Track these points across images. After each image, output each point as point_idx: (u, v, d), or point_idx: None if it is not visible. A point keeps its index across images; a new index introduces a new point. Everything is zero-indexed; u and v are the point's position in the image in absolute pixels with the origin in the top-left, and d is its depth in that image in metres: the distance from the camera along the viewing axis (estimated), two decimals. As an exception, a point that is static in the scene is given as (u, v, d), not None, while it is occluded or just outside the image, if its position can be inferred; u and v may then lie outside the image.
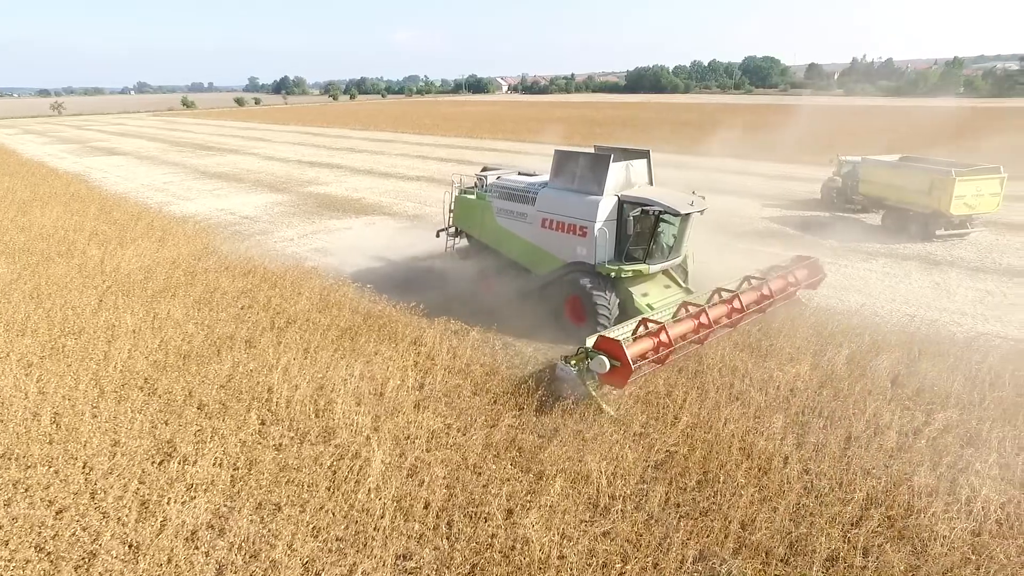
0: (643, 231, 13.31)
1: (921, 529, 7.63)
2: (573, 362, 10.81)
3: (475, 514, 8.00)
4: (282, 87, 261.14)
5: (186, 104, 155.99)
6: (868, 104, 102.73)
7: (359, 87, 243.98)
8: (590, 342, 10.72)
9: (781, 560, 7.31)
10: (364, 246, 22.00)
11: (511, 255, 15.31)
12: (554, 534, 7.55)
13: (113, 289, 15.80)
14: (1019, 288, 16.93)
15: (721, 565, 7.24)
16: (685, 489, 8.55)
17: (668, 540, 7.55)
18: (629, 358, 10.17)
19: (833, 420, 10.05)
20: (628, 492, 8.45)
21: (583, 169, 13.66)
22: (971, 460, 8.90)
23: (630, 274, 13.46)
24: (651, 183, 14.30)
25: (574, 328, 13.34)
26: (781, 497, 8.28)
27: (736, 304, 12.46)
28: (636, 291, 13.75)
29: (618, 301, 13.41)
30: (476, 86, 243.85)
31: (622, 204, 13.23)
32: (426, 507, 8.10)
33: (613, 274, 13.30)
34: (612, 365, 10.25)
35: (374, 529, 7.66)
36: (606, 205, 13.18)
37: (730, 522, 7.81)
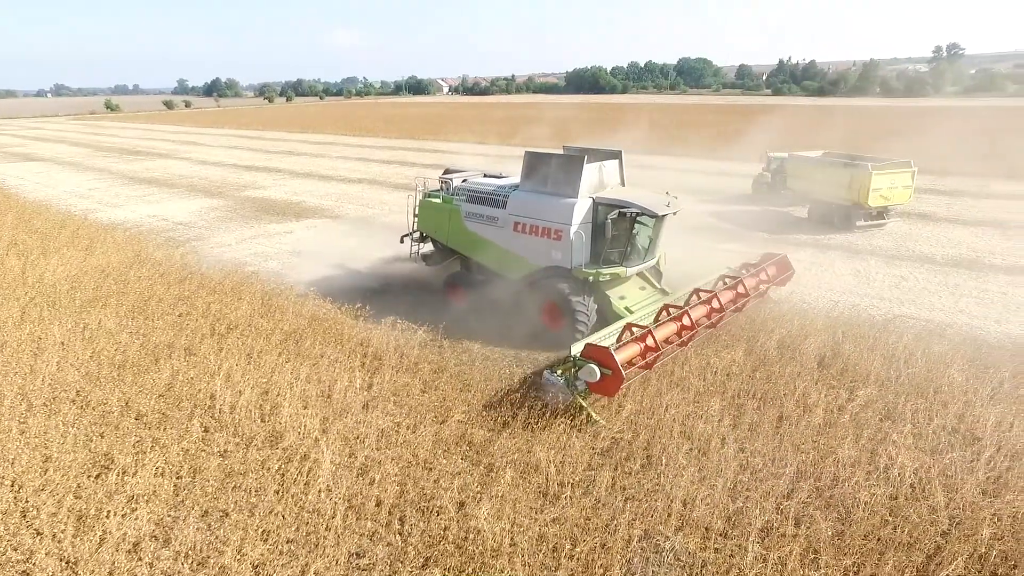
0: (620, 233, 13.00)
1: (845, 497, 8.18)
2: (559, 371, 10.57)
3: (427, 508, 8.10)
4: (214, 89, 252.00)
5: (110, 107, 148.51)
6: (794, 103, 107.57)
7: (296, 89, 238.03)
8: (576, 350, 10.48)
9: (720, 534, 7.71)
10: (307, 250, 21.67)
11: (481, 260, 14.91)
12: (505, 523, 7.72)
13: (37, 300, 15.04)
14: (930, 273, 18.20)
15: (665, 542, 7.58)
16: (630, 473, 8.88)
17: (615, 522, 7.84)
18: (620, 366, 9.98)
19: (766, 401, 10.61)
20: (576, 479, 8.71)
21: (556, 171, 13.33)
22: (888, 432, 9.60)
23: (608, 278, 13.22)
24: (623, 184, 14.10)
25: (551, 334, 13.23)
26: (719, 475, 8.71)
27: (715, 304, 12.59)
28: (613, 294, 13.55)
29: (595, 305, 13.21)
30: (416, 87, 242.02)
31: (597, 206, 12.98)
32: (378, 504, 8.14)
33: (591, 278, 13.06)
34: (603, 374, 10.02)
35: (326, 529, 7.65)
36: (581, 208, 12.87)
37: (672, 501, 8.16)
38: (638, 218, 13.06)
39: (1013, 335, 13.58)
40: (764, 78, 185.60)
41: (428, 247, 16.72)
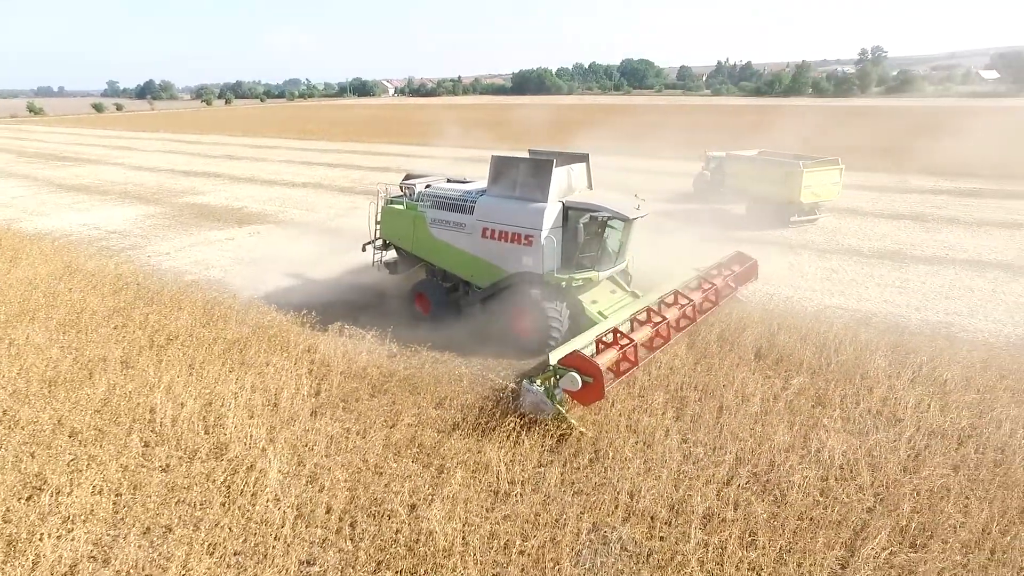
0: (591, 238, 12.88)
1: (780, 481, 8.60)
2: (538, 380, 10.25)
3: (378, 513, 8.11)
4: (147, 91, 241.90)
5: (33, 110, 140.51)
6: (732, 103, 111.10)
7: (235, 91, 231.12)
8: (555, 358, 10.23)
9: (665, 522, 7.99)
10: (250, 256, 21.20)
11: (448, 268, 14.58)
12: (457, 523, 7.81)
13: (-42, 317, 14.24)
14: (857, 265, 19.19)
15: (612, 533, 7.81)
16: (579, 468, 9.09)
17: (564, 516, 8.03)
18: (603, 372, 9.77)
19: (707, 393, 11.03)
20: (526, 476, 8.87)
21: (524, 175, 13.11)
22: (820, 417, 10.14)
23: (580, 282, 13.10)
24: (590, 187, 14.01)
25: (513, 339, 13.13)
26: (663, 466, 9.02)
27: (688, 304, 12.67)
28: (585, 299, 13.41)
29: (568, 311, 13.07)
30: (361, 89, 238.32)
31: (567, 210, 12.87)
32: (328, 511, 8.09)
33: (563, 283, 12.90)
34: (584, 381, 9.73)
35: (274, 539, 7.57)
36: (551, 212, 12.72)
37: (619, 493, 8.42)
38: (609, 222, 13.00)
39: (931, 321, 14.49)
40: (704, 79, 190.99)
41: (392, 254, 16.35)
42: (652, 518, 8.05)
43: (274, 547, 7.43)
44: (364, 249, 16.48)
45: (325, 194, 33.82)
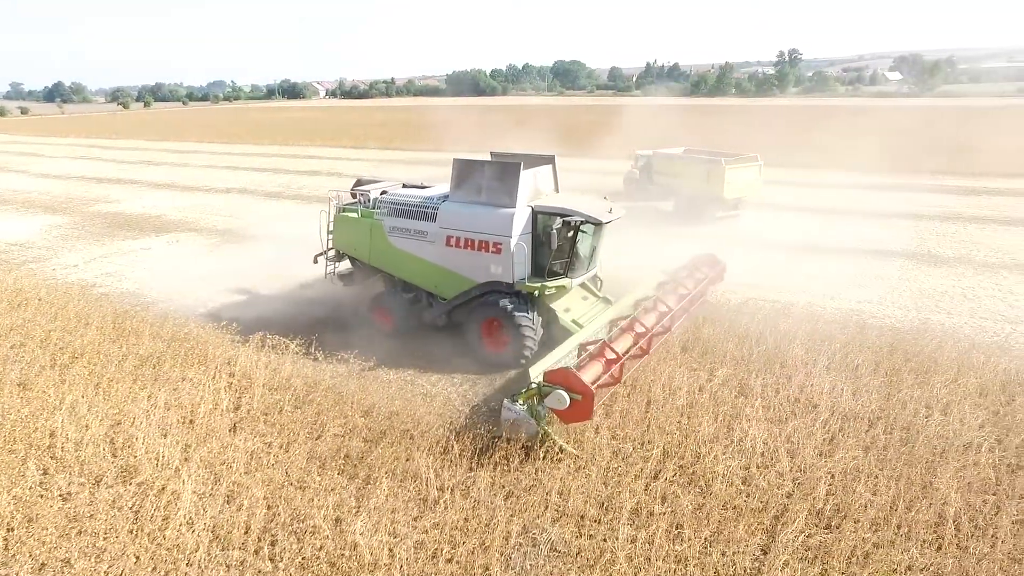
0: (563, 243, 12.18)
1: (706, 472, 8.80)
2: (521, 400, 9.58)
3: (300, 530, 7.79)
4: (56, 94, 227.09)
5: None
6: (661, 103, 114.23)
7: (154, 94, 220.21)
8: (536, 374, 9.73)
9: (594, 520, 8.03)
10: (168, 267, 20.16)
11: (410, 279, 13.77)
12: (383, 535, 7.60)
13: None
14: (778, 258, 19.96)
15: (542, 534, 7.78)
16: (509, 470, 9.02)
17: (494, 520, 7.94)
18: (591, 387, 9.19)
19: (636, 388, 11.17)
20: (456, 482, 8.73)
21: (490, 179, 12.37)
22: (742, 406, 10.43)
23: (553, 291, 12.53)
24: (557, 190, 13.48)
25: (493, 356, 12.56)
26: (593, 463, 9.07)
27: (664, 309, 12.40)
28: (558, 308, 12.78)
29: (540, 320, 12.52)
30: (291, 92, 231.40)
31: (536, 215, 12.30)
32: (246, 531, 7.72)
33: (536, 292, 12.34)
34: (572, 399, 9.11)
35: (187, 564, 7.16)
36: (521, 218, 12.11)
37: (549, 493, 8.40)
38: (581, 226, 12.40)
39: (843, 309, 15.22)
40: (634, 79, 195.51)
41: (346, 266, 15.36)
42: (582, 517, 8.07)
43: (187, 574, 7.02)
44: (316, 261, 15.41)
45: (251, 200, 32.61)
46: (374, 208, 14.13)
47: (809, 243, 21.67)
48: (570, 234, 12.26)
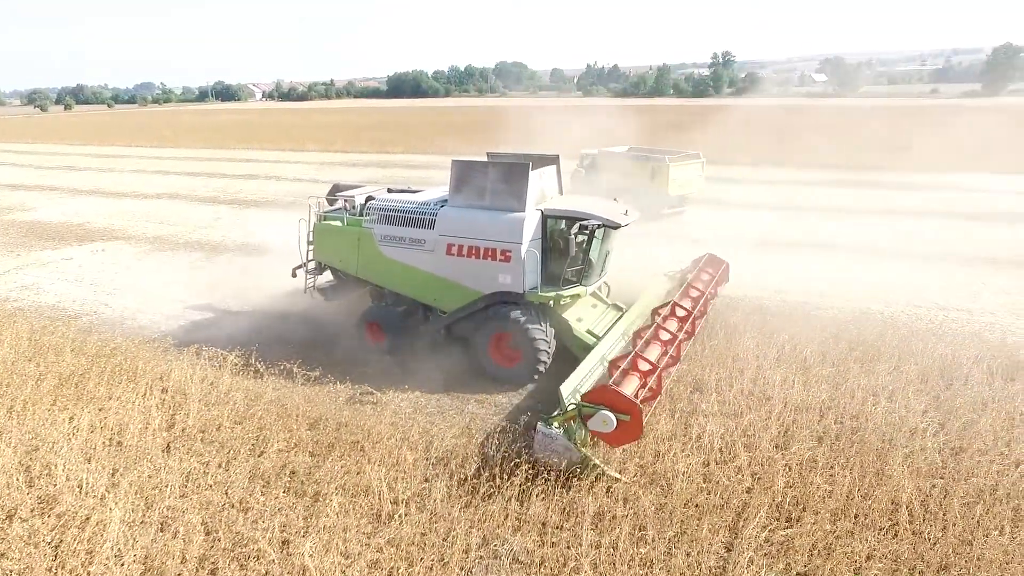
0: (578, 249, 11.46)
1: (666, 470, 8.67)
2: (555, 423, 8.81)
3: (243, 555, 7.23)
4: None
5: None
6: (602, 103, 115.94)
7: (76, 96, 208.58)
8: (568, 392, 9.13)
9: (556, 527, 7.77)
10: (92, 278, 18.87)
11: (404, 291, 12.79)
12: (335, 555, 7.13)
13: None
14: (724, 253, 20.23)
15: (503, 545, 7.47)
16: (466, 479, 8.68)
17: (452, 533, 7.59)
18: (639, 406, 8.52)
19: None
20: (410, 494, 8.32)
21: (495, 182, 11.49)
22: (698, 402, 10.41)
23: (568, 300, 11.87)
24: (561, 192, 12.73)
25: (503, 372, 11.76)
26: (551, 468, 8.81)
27: (683, 314, 11.83)
28: (570, 318, 12.09)
29: (553, 332, 11.73)
30: (225, 94, 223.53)
31: (546, 219, 11.55)
32: (183, 561, 7.10)
33: (551, 302, 11.60)
34: (620, 420, 8.38)
35: (115, 603, 6.51)
36: (531, 223, 11.32)
37: (509, 500, 8.10)
38: (596, 231, 11.70)
39: (789, 302, 15.52)
40: (575, 80, 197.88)
41: (327, 278, 14.27)
42: (543, 523, 7.81)
43: (115, 613, 6.38)
44: (294, 275, 14.27)
45: (184, 205, 31.11)
46: (362, 215, 13.11)
47: (754, 238, 22.12)
48: (583, 239, 11.59)
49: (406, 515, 7.89)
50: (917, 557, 7.15)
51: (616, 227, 11.52)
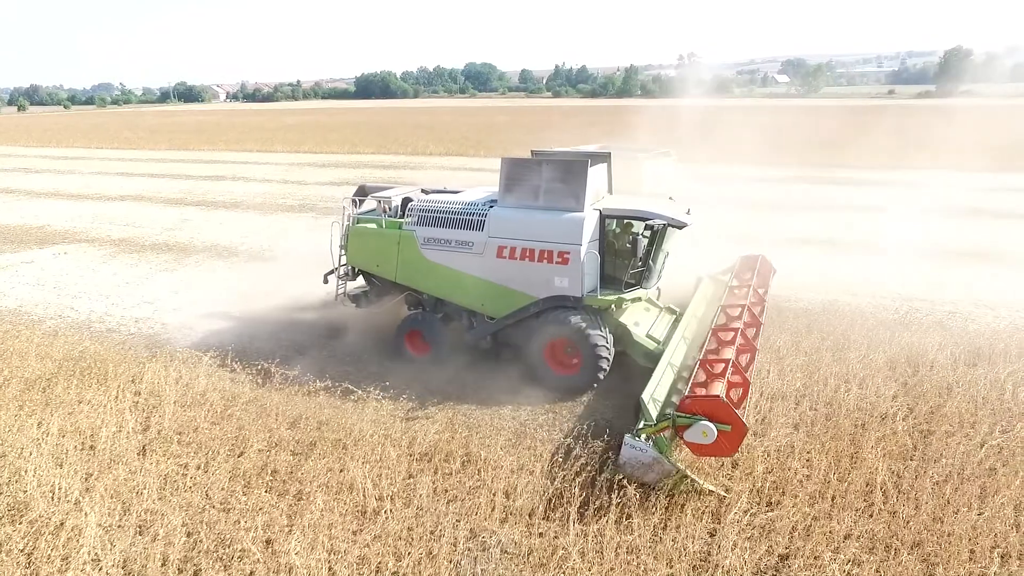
0: (642, 249, 10.93)
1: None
2: (643, 435, 8.31)
3: (227, 555, 7.11)
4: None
5: None
6: (571, 104, 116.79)
7: (30, 97, 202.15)
8: (648, 399, 8.74)
9: (543, 518, 7.81)
10: (56, 281, 18.31)
11: (448, 296, 12.11)
12: (321, 552, 7.05)
13: None
14: (696, 248, 20.49)
15: (491, 537, 7.48)
16: (451, 473, 8.67)
17: (439, 527, 7.57)
18: (741, 415, 8.05)
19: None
20: (395, 490, 8.28)
21: (551, 180, 10.98)
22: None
23: (629, 304, 11.47)
24: (610, 191, 12.22)
25: (562, 381, 11.15)
26: (537, 460, 8.88)
27: (749, 318, 11.27)
28: (628, 322, 11.59)
29: (612, 338, 11.21)
30: (188, 95, 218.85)
31: (604, 219, 11.12)
32: (164, 563, 6.95)
33: (612, 306, 11.20)
34: (720, 431, 7.91)
35: (95, 608, 6.34)
36: (590, 223, 10.87)
37: (495, 494, 8.11)
38: (660, 231, 11.20)
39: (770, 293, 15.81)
40: (544, 81, 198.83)
41: (358, 284, 13.40)
42: (530, 514, 7.85)
43: (95, 618, 6.22)
44: (326, 280, 13.34)
45: (150, 207, 30.35)
46: (402, 217, 12.41)
47: (728, 233, 22.46)
48: (646, 240, 11.11)
49: (392, 510, 7.85)
50: (892, 535, 7.37)
51: (682, 226, 11.12)
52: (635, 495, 7.97)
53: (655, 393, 9.20)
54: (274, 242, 21.82)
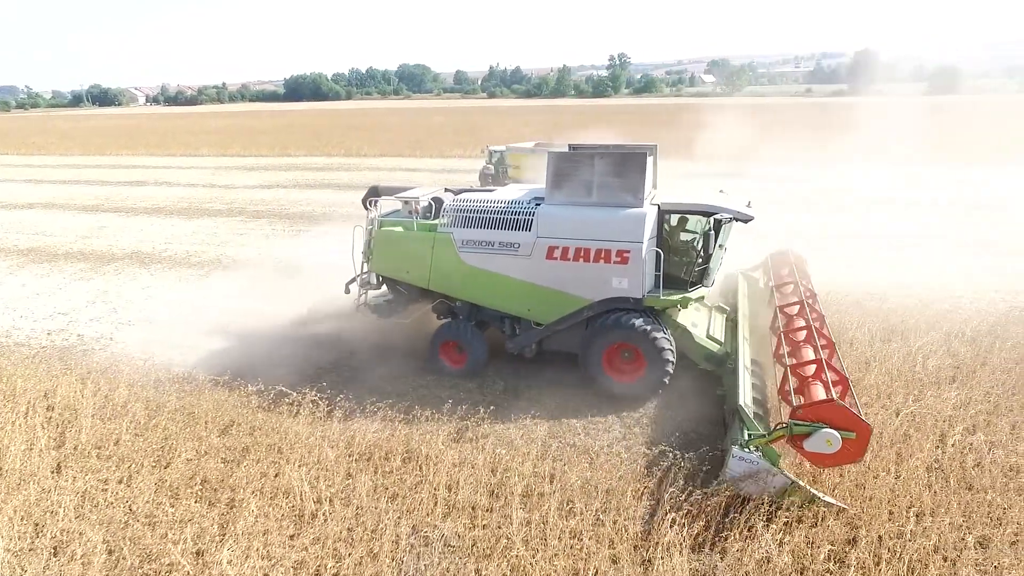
0: (712, 246, 10.54)
1: (591, 445, 8.91)
2: (751, 446, 7.71)
3: (154, 571, 6.74)
4: None
5: None
6: (506, 105, 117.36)
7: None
8: (745, 403, 8.26)
9: (486, 509, 7.77)
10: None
11: (490, 303, 11.26)
12: (255, 560, 6.78)
13: None
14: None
15: (434, 531, 7.38)
16: (391, 471, 8.51)
17: (381, 525, 7.41)
18: (865, 420, 7.46)
19: (518, 376, 11.14)
20: (334, 492, 8.04)
21: (605, 175, 10.26)
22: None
23: (693, 304, 10.90)
24: (655, 186, 11.50)
25: (623, 388, 10.43)
26: (479, 452, 8.83)
27: (814, 315, 10.67)
28: (686, 322, 10.96)
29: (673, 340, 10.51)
30: (103, 98, 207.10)
31: (662, 215, 10.58)
32: (83, 584, 6.53)
33: (677, 306, 10.57)
34: (845, 439, 7.40)
35: (5, 637, 5.88)
36: (650, 219, 10.24)
37: (437, 488, 8.02)
38: (723, 225, 10.49)
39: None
40: (479, 82, 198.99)
41: (382, 293, 12.42)
42: (473, 508, 7.78)
43: (5, 648, 5.76)
44: (347, 290, 12.30)
45: (62, 214, 28.55)
46: (442, 217, 11.41)
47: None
48: (708, 235, 10.72)
49: (331, 512, 7.63)
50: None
51: (748, 220, 10.47)
52: (576, 481, 8.05)
53: (747, 400, 8.66)
54: (202, 248, 20.95)
